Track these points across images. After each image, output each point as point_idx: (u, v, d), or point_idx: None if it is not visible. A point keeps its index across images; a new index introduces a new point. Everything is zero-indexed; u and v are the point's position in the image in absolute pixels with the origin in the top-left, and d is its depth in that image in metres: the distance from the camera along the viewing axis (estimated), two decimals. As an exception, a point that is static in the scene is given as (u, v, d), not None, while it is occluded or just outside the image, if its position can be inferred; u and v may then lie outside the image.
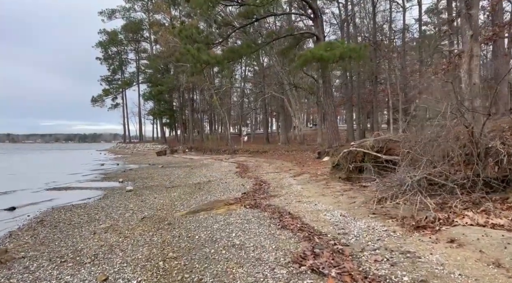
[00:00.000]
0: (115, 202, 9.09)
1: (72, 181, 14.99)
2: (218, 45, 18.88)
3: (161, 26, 45.25)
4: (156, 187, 11.80)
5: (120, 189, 11.83)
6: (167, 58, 44.52)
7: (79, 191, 11.90)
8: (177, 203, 8.38)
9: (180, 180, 13.83)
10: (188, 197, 9.13)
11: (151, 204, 8.49)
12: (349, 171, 9.32)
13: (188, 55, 15.91)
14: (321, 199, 7.32)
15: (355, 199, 6.93)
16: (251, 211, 6.71)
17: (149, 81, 54.69)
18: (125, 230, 5.85)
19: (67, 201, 9.80)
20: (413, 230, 4.70)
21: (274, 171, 14.65)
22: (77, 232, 5.97)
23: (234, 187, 10.40)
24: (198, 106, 56.14)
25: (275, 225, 5.55)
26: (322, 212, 6.21)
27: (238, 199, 7.99)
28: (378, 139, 9.09)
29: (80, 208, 8.40)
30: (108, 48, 60.34)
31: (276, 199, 7.86)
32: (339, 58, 16.22)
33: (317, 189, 8.64)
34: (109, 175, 17.66)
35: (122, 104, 64.39)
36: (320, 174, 11.66)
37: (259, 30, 27.18)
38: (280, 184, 10.25)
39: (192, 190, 10.43)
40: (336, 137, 19.80)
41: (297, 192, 8.46)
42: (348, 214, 5.87)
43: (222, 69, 21.06)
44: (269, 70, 42.06)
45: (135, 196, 10.03)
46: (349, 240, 4.60)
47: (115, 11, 56.39)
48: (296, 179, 11.20)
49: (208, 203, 7.94)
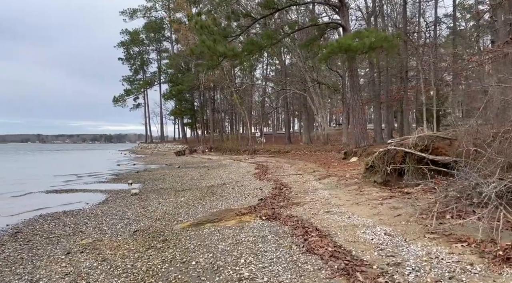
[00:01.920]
0: (114, 208, 7.95)
1: (81, 182, 14.09)
2: (237, 38, 17.61)
3: (181, 24, 44.55)
4: (164, 190, 10.63)
5: (125, 192, 10.74)
6: (187, 57, 43.77)
7: (81, 194, 10.88)
8: (181, 210, 7.13)
9: (193, 182, 12.64)
10: (196, 203, 7.87)
11: (152, 211, 7.28)
12: (387, 174, 7.82)
13: (204, 46, 14.72)
14: (356, 209, 5.89)
15: (400, 210, 5.46)
16: (268, 224, 5.37)
17: (170, 81, 54.24)
18: (107, 249, 4.61)
19: (62, 205, 8.76)
20: (500, 263, 3.23)
21: (296, 173, 13.24)
22: (49, 249, 4.79)
23: (250, 191, 9.08)
24: (219, 105, 55.27)
25: (298, 246, 4.19)
26: (359, 227, 4.79)
27: (253, 208, 6.65)
28: (422, 136, 7.56)
29: (70, 215, 7.29)
30: (130, 48, 60.36)
31: (299, 207, 6.48)
32: (369, 49, 14.62)
33: (349, 196, 7.19)
34: (121, 175, 16.72)
35: (144, 105, 64.42)
36: (349, 176, 10.17)
37: (280, 24, 25.80)
38: (303, 188, 8.85)
39: (202, 195, 9.17)
40: (364, 137, 18.15)
41: (325, 199, 7.04)
42: (395, 232, 4.43)
43: (240, 62, 19.72)
44: (291, 68, 40.60)
45: (138, 200, 8.87)
46: (405, 276, 3.18)
47: (137, 11, 56.25)
48: (321, 182, 9.75)
49: (218, 212, 6.65)
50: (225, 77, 35.00)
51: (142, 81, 62.40)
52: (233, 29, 18.12)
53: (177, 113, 55.69)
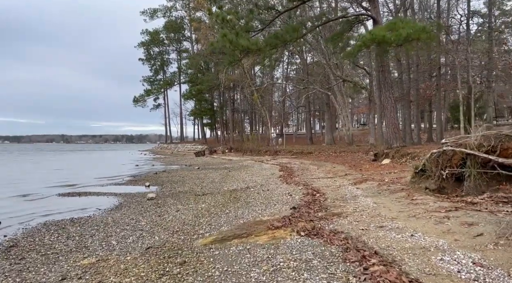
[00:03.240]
0: (127, 215, 7.08)
1: (96, 184, 13.40)
2: (260, 32, 16.61)
3: (201, 22, 44.00)
4: (183, 194, 9.73)
5: (141, 195, 9.89)
6: (207, 56, 43.16)
7: (94, 197, 10.08)
8: (202, 220, 6.17)
9: (214, 185, 11.71)
10: (219, 211, 6.90)
11: (169, 220, 6.36)
12: (441, 179, 6.64)
13: (225, 40, 13.78)
14: (416, 224, 4.76)
15: (478, 228, 4.30)
16: (309, 242, 4.34)
17: (190, 81, 53.87)
18: (112, 274, 3.68)
19: (72, 211, 7.98)
20: None
21: (325, 176, 12.13)
22: (42, 273, 3.90)
23: (279, 197, 8.05)
24: (239, 106, 54.49)
25: (358, 279, 3.13)
26: (432, 251, 3.69)
27: (286, 219, 5.62)
28: (487, 135, 6.34)
29: (78, 224, 6.44)
30: (150, 49, 60.42)
31: (342, 219, 5.41)
32: (404, 41, 13.34)
33: (399, 206, 6.06)
34: (138, 177, 15.98)
35: (164, 105, 64.42)
36: (390, 181, 9.00)
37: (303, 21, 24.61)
38: (339, 195, 7.75)
39: (225, 200, 8.21)
40: (396, 137, 16.82)
41: (370, 209, 5.93)
42: (488, 262, 3.31)
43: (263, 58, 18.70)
44: (313, 67, 39.31)
45: (154, 206, 7.99)
46: None
47: (157, 11, 56.21)
48: (358, 187, 8.62)
49: (245, 223, 5.66)
50: (245, 76, 34.08)
51: (162, 82, 62.35)
52: (256, 24, 17.15)
53: (196, 114, 55.30)
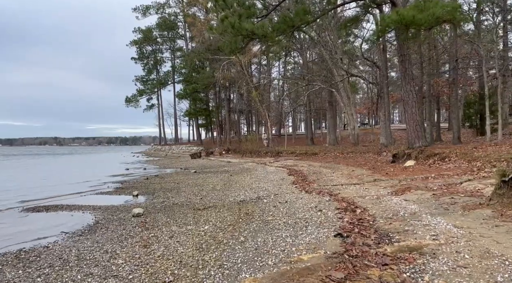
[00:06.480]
0: (100, 244, 5.03)
1: (75, 192, 11.32)
2: (264, 18, 14.60)
3: (195, 18, 41.96)
4: (179, 208, 7.68)
5: (126, 210, 7.82)
6: (202, 54, 41.12)
7: (65, 213, 7.94)
8: (207, 256, 4.14)
9: (216, 194, 9.67)
10: (230, 238, 4.87)
11: (159, 256, 4.32)
12: (545, 191, 4.69)
13: (227, 24, 11.81)
14: None
15: None
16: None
17: (184, 80, 51.79)
18: None
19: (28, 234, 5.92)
20: None
21: (349, 182, 10.14)
22: None
23: (306, 214, 6.03)
24: (235, 106, 52.44)
25: None
26: None
27: (342, 259, 3.61)
28: None
29: (23, 262, 4.37)
30: (142, 47, 58.19)
31: (433, 262, 3.38)
32: (436, 22, 11.47)
33: (505, 234, 4.07)
34: (127, 183, 13.86)
35: (158, 105, 62.21)
36: (446, 190, 7.04)
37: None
38: (389, 211, 5.75)
39: (234, 218, 6.18)
40: (419, 135, 14.95)
41: (464, 240, 3.92)
42: None
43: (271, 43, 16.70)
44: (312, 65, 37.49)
45: (141, 228, 5.94)
46: None
47: (150, 7, 54.04)
48: (407, 199, 6.62)
49: (272, 266, 3.64)
50: (243, 72, 32.09)
51: (155, 81, 60.17)
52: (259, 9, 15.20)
53: (191, 114, 53.21)
